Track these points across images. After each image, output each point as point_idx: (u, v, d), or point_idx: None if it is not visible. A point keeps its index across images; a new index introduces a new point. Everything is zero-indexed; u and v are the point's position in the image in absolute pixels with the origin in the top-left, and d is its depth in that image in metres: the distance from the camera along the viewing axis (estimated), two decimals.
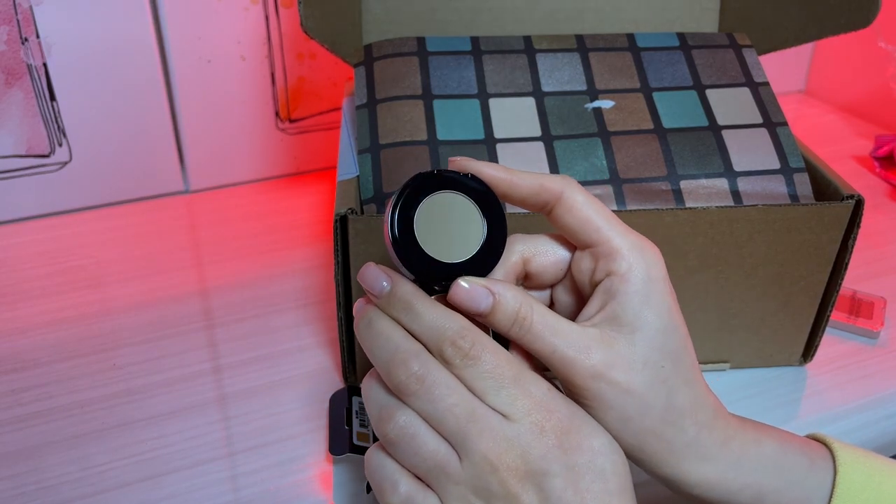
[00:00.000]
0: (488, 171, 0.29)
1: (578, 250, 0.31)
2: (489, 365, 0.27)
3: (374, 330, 0.28)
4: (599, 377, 0.28)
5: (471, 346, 0.27)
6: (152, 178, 0.64)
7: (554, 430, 0.27)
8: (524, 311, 0.28)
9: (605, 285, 0.29)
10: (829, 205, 0.41)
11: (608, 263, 0.29)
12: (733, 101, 0.47)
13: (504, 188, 0.29)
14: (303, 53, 0.64)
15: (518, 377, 0.27)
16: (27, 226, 0.61)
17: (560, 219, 0.30)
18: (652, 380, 0.28)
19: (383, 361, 0.28)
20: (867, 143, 0.75)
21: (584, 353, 0.28)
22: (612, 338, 0.28)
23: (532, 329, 0.28)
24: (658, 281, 0.29)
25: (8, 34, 0.55)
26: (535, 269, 0.31)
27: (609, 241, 0.29)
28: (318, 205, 0.65)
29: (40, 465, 0.40)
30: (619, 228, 0.29)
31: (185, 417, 0.43)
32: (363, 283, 0.29)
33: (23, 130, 0.58)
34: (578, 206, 0.29)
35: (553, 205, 0.30)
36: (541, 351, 0.28)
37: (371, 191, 0.42)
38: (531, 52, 0.48)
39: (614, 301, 0.28)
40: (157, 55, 0.60)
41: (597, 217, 0.29)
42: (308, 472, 0.40)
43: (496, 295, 0.28)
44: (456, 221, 0.29)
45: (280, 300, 0.53)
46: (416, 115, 0.44)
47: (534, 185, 0.29)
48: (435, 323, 0.27)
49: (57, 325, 0.50)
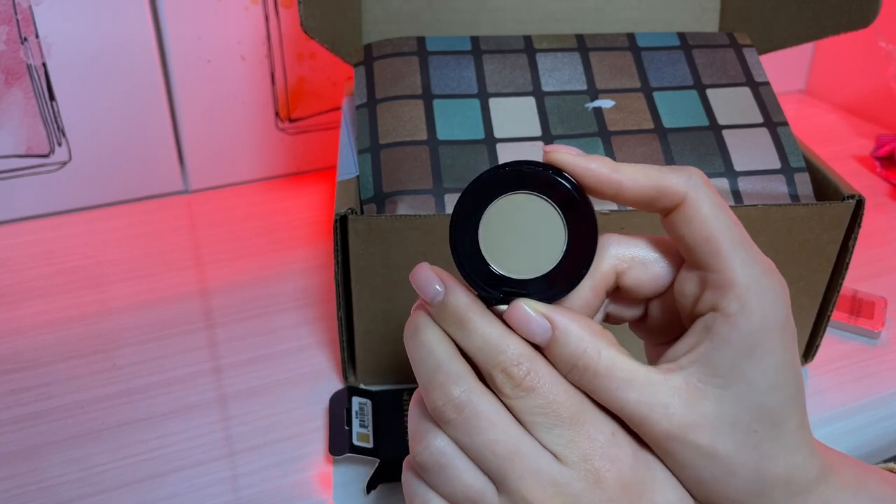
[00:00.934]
0: (588, 166, 0.24)
1: (686, 267, 0.25)
2: (543, 399, 0.23)
3: (419, 340, 0.25)
4: (674, 439, 0.23)
5: (525, 374, 0.23)
6: (152, 178, 0.64)
7: (614, 482, 0.23)
8: (588, 357, 0.24)
9: (706, 322, 0.24)
10: (829, 205, 0.41)
11: (717, 296, 0.23)
12: (734, 101, 0.47)
13: (609, 192, 0.24)
14: (303, 53, 0.64)
15: (577, 417, 0.24)
16: (27, 226, 0.61)
17: (675, 228, 0.24)
18: (740, 445, 0.24)
19: (423, 379, 0.25)
20: (868, 143, 0.75)
21: (659, 411, 0.23)
22: (699, 391, 0.23)
23: (596, 380, 0.24)
24: (772, 332, 0.23)
25: (7, 34, 0.55)
26: (630, 283, 0.26)
27: (725, 271, 0.23)
28: (318, 205, 0.65)
29: (40, 465, 0.40)
30: (744, 256, 0.23)
31: (185, 417, 0.43)
32: (414, 285, 0.25)
33: (22, 130, 0.58)
34: (701, 219, 0.23)
35: (669, 211, 0.24)
36: (607, 404, 0.24)
37: (371, 191, 0.42)
38: (531, 52, 0.48)
39: (711, 344, 0.23)
40: (156, 55, 0.60)
41: (721, 237, 0.23)
42: (308, 473, 0.40)
43: (556, 330, 0.24)
44: (532, 229, 0.24)
45: (280, 300, 0.53)
46: (416, 115, 0.44)
47: (648, 189, 0.24)
48: (489, 343, 0.24)
49: (57, 326, 0.50)
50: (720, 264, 0.23)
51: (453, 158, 0.43)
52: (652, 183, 0.24)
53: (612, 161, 0.24)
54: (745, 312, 0.23)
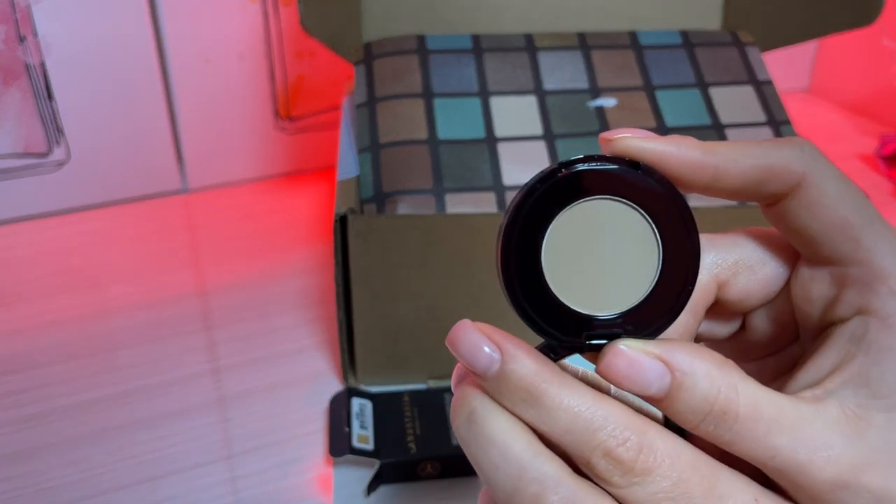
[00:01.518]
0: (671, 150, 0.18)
1: (806, 264, 0.20)
2: (667, 481, 0.17)
3: (482, 433, 0.18)
4: (843, 487, 0.18)
5: (637, 453, 0.17)
6: (150, 178, 0.64)
7: None
8: (724, 401, 0.18)
9: (855, 330, 0.19)
10: None
11: (865, 296, 0.19)
12: (736, 100, 0.46)
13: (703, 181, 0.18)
14: (302, 51, 0.64)
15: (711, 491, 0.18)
16: (25, 226, 0.61)
17: (791, 218, 0.19)
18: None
19: (503, 493, 0.18)
20: (871, 142, 0.75)
21: (822, 455, 0.18)
22: (862, 420, 0.18)
23: (736, 426, 0.18)
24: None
25: (6, 33, 0.55)
26: (735, 296, 0.21)
27: (872, 262, 0.18)
28: (318, 204, 0.65)
29: (39, 466, 0.40)
30: (890, 238, 0.19)
31: (184, 419, 0.43)
32: (457, 353, 0.19)
33: (20, 130, 0.58)
34: (829, 201, 0.18)
35: (782, 196, 0.19)
36: (752, 456, 0.18)
37: (371, 190, 0.42)
38: (532, 50, 0.48)
39: (867, 358, 0.18)
40: (155, 54, 0.59)
41: (858, 220, 0.18)
42: (308, 474, 0.40)
43: (677, 373, 0.18)
44: (612, 246, 0.18)
45: (279, 301, 0.53)
46: (416, 114, 0.44)
47: (753, 171, 0.18)
48: (579, 420, 0.18)
49: (55, 326, 0.50)
50: (862, 254, 0.18)
51: (454, 158, 0.42)
52: (759, 162, 0.18)
53: (700, 141, 0.18)
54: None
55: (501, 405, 0.18)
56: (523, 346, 0.18)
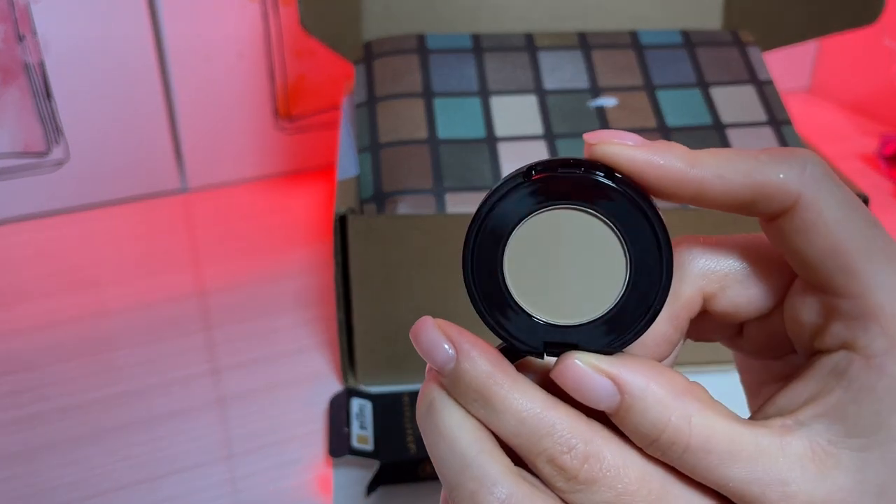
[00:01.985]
0: (654, 160, 0.17)
1: (801, 286, 0.19)
2: (612, 492, 0.17)
3: (436, 425, 0.18)
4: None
5: (583, 462, 0.17)
6: (150, 177, 0.64)
7: None
8: (673, 431, 0.17)
9: (837, 364, 0.18)
10: None
11: (852, 331, 0.17)
12: (737, 99, 0.46)
13: (685, 193, 0.18)
14: (302, 51, 0.64)
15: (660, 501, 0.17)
16: (23, 225, 0.60)
17: (785, 238, 0.18)
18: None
19: (448, 482, 0.18)
20: (872, 142, 0.75)
21: (777, 489, 0.17)
22: (830, 458, 0.17)
23: (687, 455, 0.17)
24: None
25: (4, 32, 0.55)
26: (724, 308, 0.20)
27: (865, 296, 0.17)
28: (318, 204, 0.65)
29: (38, 467, 0.40)
30: (889, 273, 0.17)
31: (183, 419, 0.43)
32: (418, 348, 0.19)
33: (19, 129, 0.58)
34: (825, 226, 0.17)
35: (778, 214, 0.18)
36: (704, 481, 0.18)
37: (371, 190, 0.42)
38: (533, 50, 0.48)
39: (846, 395, 0.17)
40: (154, 53, 0.59)
41: (855, 250, 0.17)
42: (308, 475, 0.39)
43: (626, 396, 0.17)
44: (579, 256, 0.18)
45: (279, 301, 0.53)
46: (416, 114, 0.44)
47: (742, 188, 0.17)
48: (526, 423, 0.18)
49: (54, 326, 0.50)
50: (856, 287, 0.17)
51: (454, 157, 0.42)
52: (747, 180, 0.17)
53: (687, 150, 0.17)
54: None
55: (458, 401, 0.18)
56: (480, 346, 0.18)
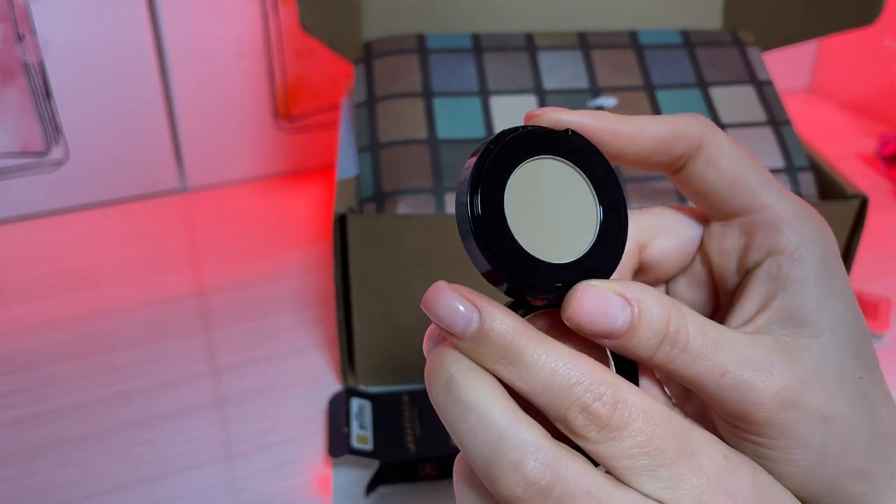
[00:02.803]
0: (595, 122, 0.20)
1: (715, 223, 0.22)
2: (642, 436, 0.18)
3: (460, 399, 0.18)
4: (790, 404, 0.19)
5: (613, 408, 0.18)
6: (149, 177, 0.64)
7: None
8: (676, 322, 0.19)
9: (769, 270, 0.20)
10: (833, 204, 0.41)
11: (770, 238, 0.20)
12: (737, 99, 0.46)
13: (619, 144, 0.21)
14: (301, 51, 0.64)
15: (685, 447, 0.18)
16: (23, 225, 0.60)
17: (698, 177, 0.21)
18: (852, 398, 0.20)
19: (482, 460, 0.18)
20: (872, 142, 0.75)
21: (766, 370, 0.19)
22: (795, 345, 0.20)
23: (689, 347, 0.19)
24: (836, 260, 0.21)
25: (4, 32, 0.55)
26: (655, 257, 0.22)
27: (770, 207, 0.20)
28: (317, 204, 0.65)
29: (37, 467, 0.40)
30: (779, 189, 0.21)
31: (182, 419, 0.43)
32: (433, 315, 0.19)
33: (19, 129, 0.58)
34: (727, 159, 0.21)
35: (687, 159, 0.21)
36: (701, 377, 0.19)
37: (371, 190, 0.42)
38: (532, 50, 0.48)
39: (787, 291, 0.20)
40: (154, 53, 0.59)
41: (750, 173, 0.21)
42: (307, 475, 0.39)
43: (634, 303, 0.19)
44: (557, 201, 0.20)
45: (278, 301, 0.53)
46: (416, 114, 0.44)
47: (663, 135, 0.21)
48: (557, 375, 0.18)
49: (53, 327, 0.50)
50: (761, 202, 0.20)
51: (454, 157, 0.42)
52: (664, 128, 0.21)
53: (615, 114, 0.21)
54: (808, 243, 0.20)
55: (479, 367, 0.19)
56: (499, 306, 0.19)
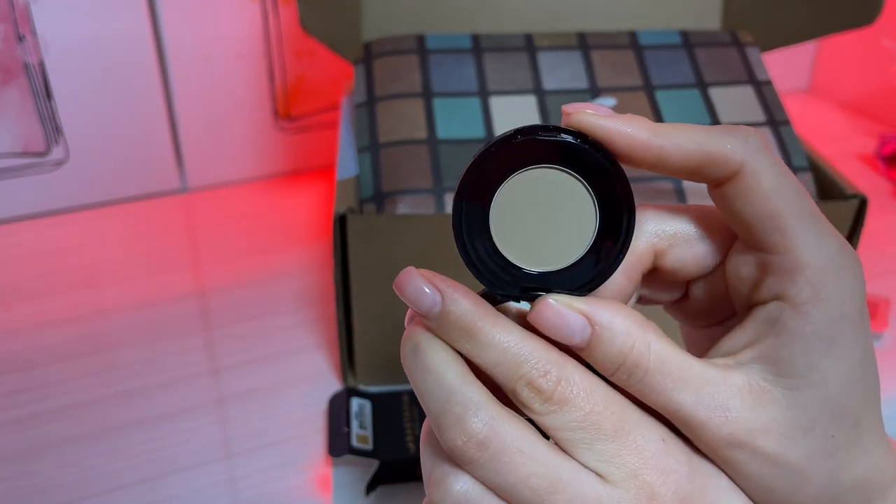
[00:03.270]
0: (621, 129, 0.20)
1: (740, 246, 0.22)
2: (580, 411, 0.20)
3: (422, 363, 0.21)
4: (737, 446, 0.20)
5: (556, 384, 0.20)
6: (149, 177, 0.64)
7: (671, 497, 0.20)
8: (637, 355, 0.20)
9: (771, 313, 0.20)
10: (832, 204, 0.41)
11: (783, 283, 0.20)
12: (736, 100, 0.46)
13: (648, 160, 0.20)
14: (301, 51, 0.64)
15: (621, 426, 0.20)
16: (23, 225, 0.60)
17: (728, 202, 0.21)
18: (814, 452, 0.20)
19: (433, 412, 0.20)
20: (871, 142, 0.75)
21: (719, 414, 0.20)
22: (765, 392, 0.20)
23: (647, 378, 0.20)
24: (852, 319, 0.20)
25: (4, 32, 0.55)
26: (672, 264, 0.22)
27: (793, 252, 0.20)
28: (317, 204, 0.65)
29: (37, 467, 0.40)
30: (815, 233, 0.20)
31: (182, 419, 0.43)
32: (403, 296, 0.21)
33: (19, 129, 0.58)
34: (763, 192, 0.20)
35: (722, 182, 0.20)
36: (659, 407, 0.20)
37: (370, 190, 0.42)
38: (532, 50, 0.48)
39: (778, 340, 0.20)
40: (154, 53, 0.59)
41: (787, 212, 0.20)
42: (307, 474, 0.39)
43: (597, 327, 0.20)
44: (554, 211, 0.20)
45: (279, 300, 0.53)
46: (415, 114, 0.44)
47: (695, 156, 0.20)
48: (507, 353, 0.20)
49: (53, 326, 0.50)
50: (786, 245, 0.20)
51: (453, 157, 0.42)
52: (701, 149, 0.20)
53: (650, 121, 0.20)
54: (821, 300, 0.20)
55: (443, 340, 0.21)
56: (461, 289, 0.21)
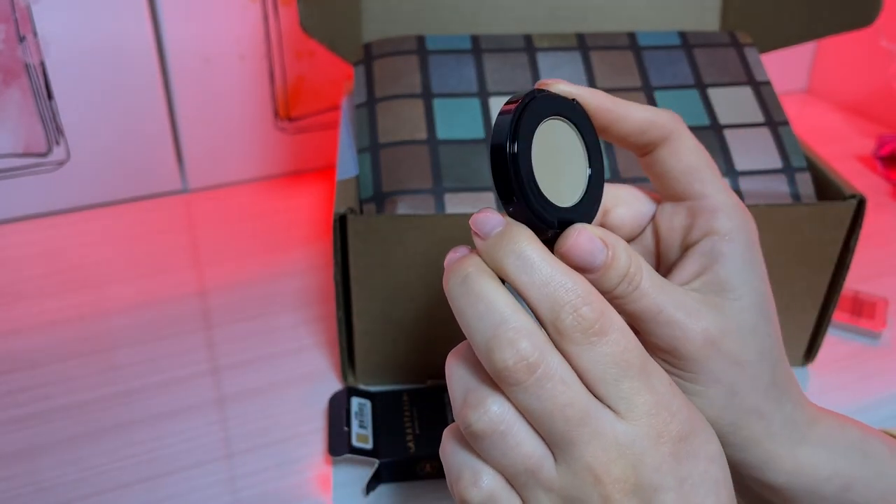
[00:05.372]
0: (593, 98, 0.25)
1: (669, 203, 0.27)
2: (616, 346, 0.22)
3: (473, 291, 0.22)
4: (712, 344, 0.24)
5: (598, 316, 0.22)
6: (150, 178, 0.64)
7: (672, 437, 0.22)
8: (634, 268, 0.24)
9: (705, 247, 0.26)
10: (831, 204, 0.41)
11: (708, 221, 0.26)
12: (735, 101, 0.47)
13: (607, 120, 0.25)
14: (302, 52, 0.64)
15: (645, 365, 0.22)
16: (24, 225, 0.61)
17: (661, 162, 0.26)
18: (761, 349, 0.25)
19: (482, 336, 0.22)
20: (869, 143, 0.75)
21: (694, 317, 0.24)
22: (718, 305, 0.25)
23: (640, 287, 0.24)
24: (757, 246, 0.26)
25: (5, 33, 0.55)
26: (615, 221, 0.28)
27: (712, 196, 0.26)
28: (318, 204, 0.65)
29: (38, 466, 0.40)
30: (722, 185, 0.26)
31: (183, 419, 0.43)
32: (474, 223, 0.24)
33: (20, 129, 0.58)
34: (686, 150, 0.26)
35: (657, 145, 0.26)
36: (645, 311, 0.24)
37: (370, 190, 0.42)
38: (532, 51, 0.48)
39: (718, 264, 0.25)
40: (155, 54, 0.59)
41: (704, 167, 0.26)
42: (307, 474, 0.40)
43: (610, 248, 0.24)
44: (564, 156, 0.24)
45: (279, 300, 0.53)
46: (415, 114, 0.44)
47: (643, 120, 0.25)
48: (555, 279, 0.22)
49: (54, 326, 0.50)
50: (706, 191, 0.26)
51: (453, 158, 0.43)
52: (645, 116, 0.26)
53: (609, 94, 0.26)
54: (738, 230, 0.26)
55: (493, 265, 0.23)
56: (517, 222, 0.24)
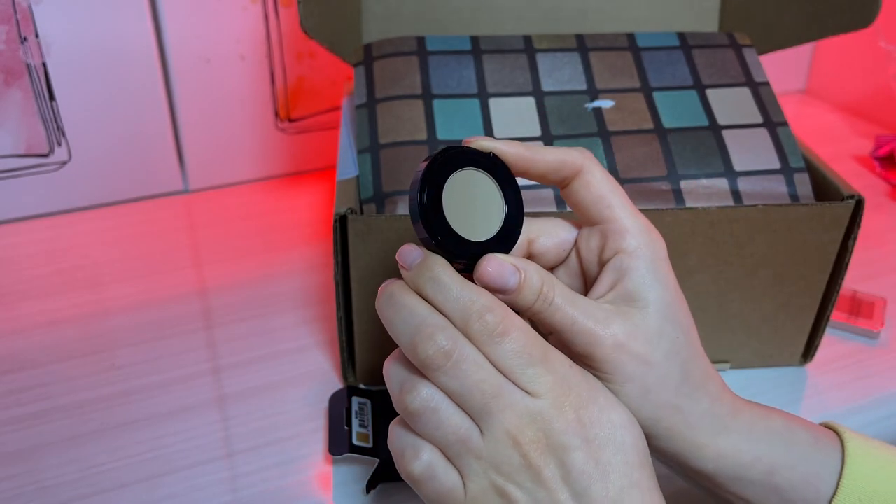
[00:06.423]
0: (509, 149, 0.30)
1: (586, 228, 0.32)
2: (517, 343, 0.27)
3: (397, 303, 0.28)
4: (621, 348, 0.28)
5: (500, 321, 0.27)
6: (151, 178, 0.64)
7: (573, 406, 0.27)
8: (547, 287, 0.28)
9: (615, 263, 0.30)
10: (829, 205, 0.41)
11: (617, 241, 0.30)
12: (733, 101, 0.47)
13: (524, 165, 0.30)
14: (302, 53, 0.64)
15: (545, 355, 0.27)
16: (26, 225, 0.61)
17: (575, 193, 0.31)
18: (668, 351, 0.29)
19: (407, 336, 0.27)
20: (867, 143, 0.75)
21: (603, 325, 0.28)
22: (627, 312, 0.29)
23: (554, 303, 0.28)
24: (663, 260, 0.30)
25: (7, 33, 0.55)
26: (540, 249, 0.32)
27: (620, 220, 0.30)
28: (318, 204, 0.65)
29: (39, 465, 0.40)
30: (630, 209, 0.30)
31: (183, 418, 0.43)
32: (399, 257, 0.29)
33: (22, 130, 0.58)
34: (595, 182, 0.30)
35: (571, 179, 0.31)
36: (561, 322, 0.28)
37: (371, 190, 0.42)
38: (531, 52, 0.48)
39: (626, 278, 0.29)
40: (156, 55, 0.60)
41: (611, 195, 0.30)
42: (307, 473, 0.40)
43: (522, 272, 0.28)
44: (478, 199, 0.29)
45: (279, 300, 0.53)
46: (415, 115, 0.44)
47: (555, 161, 0.30)
48: (463, 295, 0.27)
49: (55, 326, 0.50)
50: (614, 214, 0.30)
51: None
52: (557, 156, 0.30)
53: (524, 143, 0.30)
54: (643, 248, 0.30)
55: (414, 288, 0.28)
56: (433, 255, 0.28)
